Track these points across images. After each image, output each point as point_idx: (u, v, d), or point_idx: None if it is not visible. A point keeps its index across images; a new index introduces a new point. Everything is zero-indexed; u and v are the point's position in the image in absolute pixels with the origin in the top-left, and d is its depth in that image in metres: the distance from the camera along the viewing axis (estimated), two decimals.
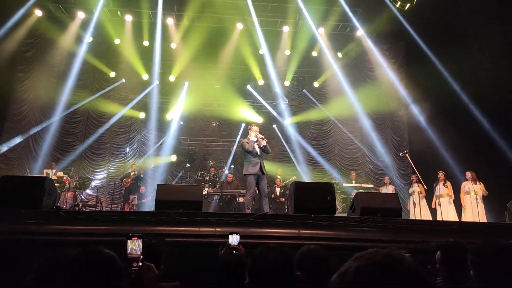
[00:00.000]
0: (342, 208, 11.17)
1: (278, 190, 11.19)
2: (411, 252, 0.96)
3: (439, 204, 8.87)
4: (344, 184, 11.65)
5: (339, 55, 13.43)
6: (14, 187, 4.56)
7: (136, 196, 10.72)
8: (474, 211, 8.35)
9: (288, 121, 14.03)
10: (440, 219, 8.38)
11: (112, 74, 13.35)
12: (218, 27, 12.59)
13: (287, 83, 13.84)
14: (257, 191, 6.96)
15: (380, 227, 4.48)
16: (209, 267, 2.36)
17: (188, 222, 4.20)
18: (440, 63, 11.41)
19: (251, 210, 6.98)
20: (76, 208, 9.56)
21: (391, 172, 13.09)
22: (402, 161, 12.87)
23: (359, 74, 13.87)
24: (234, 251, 2.85)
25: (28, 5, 11.69)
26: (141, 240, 1.85)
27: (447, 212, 8.82)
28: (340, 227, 4.45)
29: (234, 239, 2.91)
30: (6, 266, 3.19)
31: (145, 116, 13.51)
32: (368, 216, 4.66)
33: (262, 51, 13.22)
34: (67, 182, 10.45)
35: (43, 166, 11.91)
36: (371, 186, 11.82)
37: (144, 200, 10.69)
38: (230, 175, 11.33)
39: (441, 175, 9.26)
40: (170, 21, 12.59)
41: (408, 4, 11.53)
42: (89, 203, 11.34)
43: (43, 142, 12.62)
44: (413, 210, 9.44)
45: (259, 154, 6.85)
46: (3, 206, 4.28)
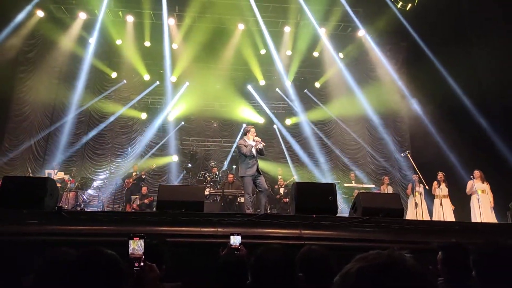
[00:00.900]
0: (343, 208, 11.15)
1: (282, 190, 11.17)
2: (413, 252, 0.95)
3: (440, 204, 8.84)
4: (345, 185, 11.64)
5: (341, 55, 13.41)
6: (16, 187, 4.56)
7: (137, 196, 10.72)
8: (482, 210, 8.29)
9: (289, 121, 14.03)
10: (442, 219, 8.35)
11: (114, 75, 13.39)
12: (219, 27, 12.59)
13: (288, 83, 13.84)
14: (257, 190, 6.99)
15: (382, 228, 4.46)
16: (210, 268, 2.36)
17: (190, 223, 4.20)
18: (442, 63, 11.37)
19: (251, 210, 6.99)
20: (78, 209, 9.58)
21: (393, 173, 13.08)
22: (403, 161, 12.85)
23: (360, 75, 13.84)
24: (235, 252, 2.85)
25: (30, 6, 11.73)
26: (142, 240, 1.85)
27: (448, 213, 8.79)
28: (342, 227, 4.44)
29: (235, 240, 2.91)
30: (9, 266, 3.19)
31: (146, 117, 13.55)
32: (370, 216, 4.66)
33: (263, 51, 13.23)
34: (69, 182, 10.48)
35: (45, 166, 11.94)
36: (372, 186, 11.80)
37: (146, 201, 10.66)
38: (231, 175, 11.32)
39: (440, 176, 9.23)
40: (171, 21, 12.60)
41: (409, 4, 11.51)
42: (91, 203, 11.36)
43: (44, 143, 12.67)
44: (414, 210, 9.41)
45: (255, 156, 6.91)
46: (5, 207, 4.29)
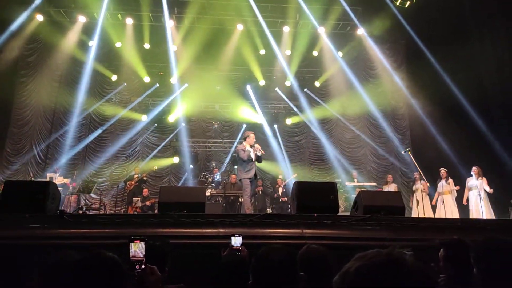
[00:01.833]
0: (344, 207, 11.14)
1: (280, 190, 11.20)
2: (414, 250, 0.96)
3: (442, 201, 8.83)
4: (346, 183, 11.63)
5: (340, 54, 13.41)
6: (18, 192, 4.57)
7: (139, 198, 10.73)
8: (478, 207, 8.30)
9: (289, 121, 14.03)
10: (444, 216, 8.34)
11: (114, 77, 13.40)
12: (218, 28, 12.61)
13: (288, 83, 13.83)
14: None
15: (384, 226, 4.45)
16: (213, 269, 2.37)
17: (192, 224, 4.20)
18: (441, 61, 11.36)
19: (252, 210, 7.07)
20: (80, 212, 9.59)
21: (394, 170, 13.06)
22: (404, 159, 12.84)
23: (360, 73, 13.84)
24: (237, 253, 2.85)
25: (29, 10, 11.75)
26: (143, 242, 1.85)
27: (451, 209, 8.78)
28: (343, 226, 4.43)
29: (236, 241, 2.90)
30: (11, 270, 3.20)
31: (147, 119, 13.55)
32: (371, 214, 4.65)
33: (263, 51, 13.23)
34: (70, 186, 10.49)
35: (47, 170, 11.96)
36: (374, 184, 11.79)
37: (148, 203, 10.67)
38: (234, 176, 11.33)
39: (443, 172, 9.22)
40: (170, 23, 12.61)
41: (408, 2, 11.50)
42: (92, 206, 11.37)
43: (46, 147, 12.68)
44: (416, 207, 9.40)
45: (253, 160, 7.06)
46: (7, 211, 4.29)
